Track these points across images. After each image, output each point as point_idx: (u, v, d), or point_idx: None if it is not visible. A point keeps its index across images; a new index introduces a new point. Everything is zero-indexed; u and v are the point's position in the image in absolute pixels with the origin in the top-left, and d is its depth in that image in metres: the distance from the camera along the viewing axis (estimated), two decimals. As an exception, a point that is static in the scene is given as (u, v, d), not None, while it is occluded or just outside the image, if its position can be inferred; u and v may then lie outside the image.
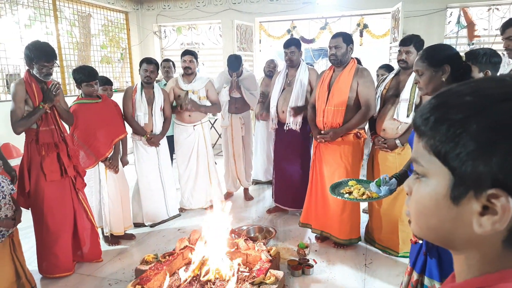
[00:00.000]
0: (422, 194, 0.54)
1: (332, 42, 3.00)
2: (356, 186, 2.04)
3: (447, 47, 1.81)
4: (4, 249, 2.45)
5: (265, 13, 6.67)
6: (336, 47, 2.97)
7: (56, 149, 2.73)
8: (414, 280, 1.71)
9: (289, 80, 3.70)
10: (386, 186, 1.87)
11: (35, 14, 6.35)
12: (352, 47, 3.03)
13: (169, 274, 2.60)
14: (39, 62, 2.56)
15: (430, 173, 0.52)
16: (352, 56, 3.10)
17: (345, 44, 2.97)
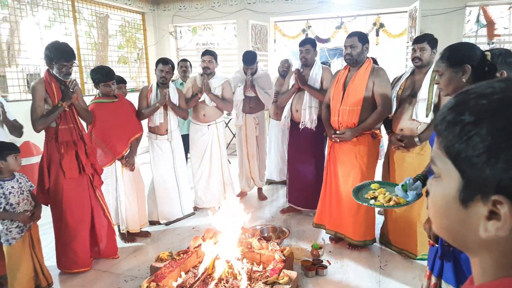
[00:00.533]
0: (436, 194, 0.54)
1: (348, 41, 2.98)
2: (380, 190, 1.99)
3: (469, 46, 1.76)
4: (23, 245, 2.52)
5: (280, 12, 6.66)
6: (352, 46, 2.95)
7: (75, 147, 2.79)
8: (433, 283, 1.69)
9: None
10: (413, 191, 1.82)
11: (54, 15, 6.49)
12: (367, 46, 3.01)
13: (184, 272, 2.63)
14: (59, 62, 2.63)
15: (443, 174, 0.52)
16: (368, 56, 3.07)
17: (361, 43, 2.95)
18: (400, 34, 6.30)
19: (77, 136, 2.81)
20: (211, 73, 3.93)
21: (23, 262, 2.52)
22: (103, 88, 3.17)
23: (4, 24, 6.29)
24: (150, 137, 3.78)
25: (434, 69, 1.77)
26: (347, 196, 3.06)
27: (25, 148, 4.25)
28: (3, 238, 2.45)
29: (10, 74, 5.44)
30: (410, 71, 3.02)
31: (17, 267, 2.49)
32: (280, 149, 4.84)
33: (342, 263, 2.97)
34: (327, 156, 3.27)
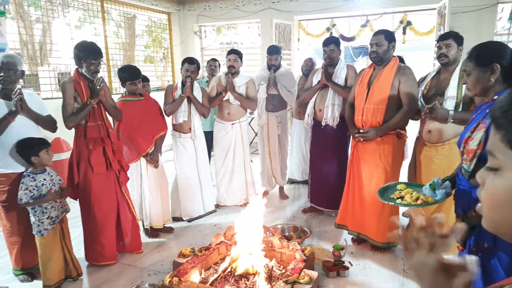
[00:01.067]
0: (497, 187, 0.54)
1: (374, 39, 2.94)
2: (407, 190, 1.94)
3: (497, 44, 1.70)
4: (55, 237, 2.63)
5: (304, 11, 6.63)
6: (378, 44, 2.91)
7: (102, 144, 2.88)
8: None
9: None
10: (442, 189, 1.77)
11: (84, 16, 6.70)
12: (394, 45, 2.96)
13: (205, 268, 2.67)
14: (87, 60, 2.72)
15: (505, 166, 0.52)
16: (394, 54, 3.01)
17: (387, 41, 2.90)
18: (428, 32, 6.14)
19: (104, 133, 2.90)
20: (236, 72, 3.96)
21: (55, 252, 2.63)
22: (129, 86, 3.26)
23: (37, 25, 6.54)
24: (174, 135, 3.85)
25: (462, 68, 1.72)
26: (371, 196, 3.01)
27: (55, 144, 4.43)
28: (36, 229, 2.56)
29: (42, 73, 5.65)
30: (436, 71, 2.94)
31: (49, 258, 2.60)
32: (302, 148, 4.82)
33: (364, 265, 2.93)
34: (350, 156, 3.23)
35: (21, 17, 5.64)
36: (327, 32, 6.76)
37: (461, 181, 1.72)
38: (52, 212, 2.60)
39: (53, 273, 2.63)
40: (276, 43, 6.54)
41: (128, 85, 3.27)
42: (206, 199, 4.01)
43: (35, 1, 5.53)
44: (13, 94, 2.52)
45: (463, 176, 1.70)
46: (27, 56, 5.67)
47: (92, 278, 2.85)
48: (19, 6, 5.57)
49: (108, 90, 3.02)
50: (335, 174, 3.69)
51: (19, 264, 2.77)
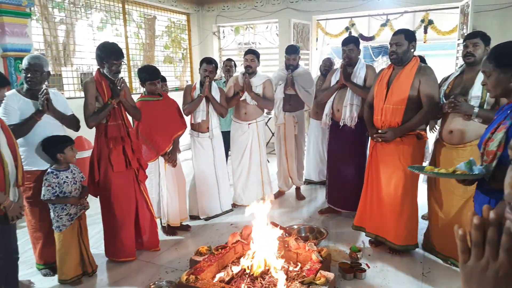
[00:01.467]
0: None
1: (393, 39, 2.90)
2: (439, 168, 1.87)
3: None
4: (73, 232, 2.70)
5: (323, 11, 6.58)
6: (397, 44, 2.86)
7: (122, 143, 2.94)
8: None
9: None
10: (480, 166, 1.69)
11: (106, 17, 6.85)
12: (414, 44, 2.90)
13: (221, 267, 2.70)
14: (109, 61, 2.78)
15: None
16: (415, 54, 2.96)
17: (407, 41, 2.85)
18: (450, 32, 6.00)
19: (124, 132, 2.96)
20: (253, 72, 3.97)
21: (72, 248, 2.70)
22: (149, 86, 3.32)
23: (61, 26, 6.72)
24: (192, 135, 3.90)
25: (481, 69, 1.67)
26: (389, 198, 2.97)
27: (78, 143, 4.53)
28: (55, 224, 2.64)
29: (65, 73, 5.81)
30: (459, 71, 2.88)
31: (66, 253, 2.68)
32: (319, 149, 4.79)
33: (382, 268, 2.89)
34: (368, 157, 3.19)
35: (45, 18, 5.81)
36: (346, 31, 6.70)
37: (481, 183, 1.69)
38: (71, 209, 2.67)
39: (70, 268, 2.70)
40: (294, 43, 6.52)
41: (147, 85, 3.33)
42: (223, 198, 4.04)
43: (59, 3, 5.69)
44: (40, 94, 2.60)
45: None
46: (51, 56, 5.84)
47: (111, 274, 2.92)
48: (44, 8, 5.74)
49: (129, 90, 3.07)
50: (353, 175, 3.65)
51: (42, 259, 2.85)
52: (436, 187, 2.93)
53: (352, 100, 3.54)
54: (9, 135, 2.28)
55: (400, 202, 2.94)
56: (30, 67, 2.60)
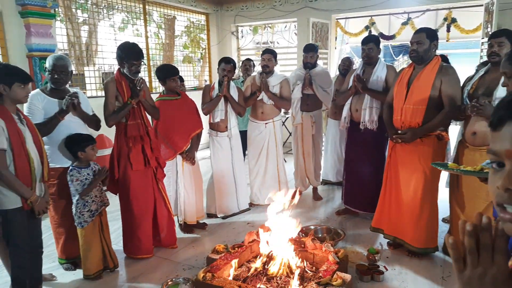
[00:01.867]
0: None
1: (415, 37, 2.84)
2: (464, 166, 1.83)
3: None
4: (94, 229, 2.77)
5: (343, 9, 6.51)
6: (418, 43, 2.80)
7: (141, 142, 2.99)
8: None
9: (364, 78, 3.57)
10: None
11: (127, 18, 6.98)
12: (436, 43, 2.84)
13: (238, 265, 2.71)
14: (129, 61, 2.83)
15: None
16: (437, 53, 2.89)
17: (429, 40, 2.79)
18: (474, 30, 5.83)
19: (143, 131, 3.01)
20: (270, 72, 3.97)
21: (94, 244, 2.77)
22: (170, 83, 3.35)
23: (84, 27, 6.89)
24: (210, 134, 3.93)
25: (501, 70, 1.61)
26: (409, 200, 2.92)
27: (99, 141, 4.62)
28: (77, 221, 2.70)
29: (87, 72, 5.95)
30: (484, 70, 2.79)
31: (88, 248, 2.75)
32: (337, 149, 4.74)
33: (400, 270, 2.85)
34: (387, 158, 3.14)
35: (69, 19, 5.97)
36: (366, 30, 6.61)
37: None
38: (92, 206, 2.73)
39: (93, 264, 2.77)
40: (312, 42, 6.48)
41: (168, 82, 3.36)
42: (240, 197, 4.06)
43: (82, 4, 5.82)
44: (68, 95, 2.66)
45: None
46: (74, 56, 5.99)
47: (129, 270, 2.97)
48: (68, 9, 5.90)
49: (148, 90, 3.12)
50: (371, 176, 3.60)
51: (64, 254, 2.93)
52: (458, 189, 2.86)
53: (372, 102, 3.47)
54: (35, 132, 2.36)
55: (419, 204, 2.88)
56: (56, 68, 2.66)
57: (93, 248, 2.77)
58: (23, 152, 2.20)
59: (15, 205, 2.20)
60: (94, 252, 2.78)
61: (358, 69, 3.65)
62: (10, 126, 2.15)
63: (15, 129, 2.17)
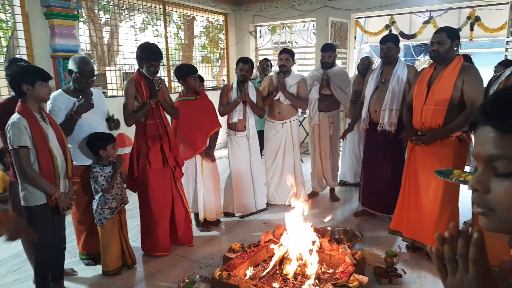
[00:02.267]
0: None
1: (435, 37, 2.77)
2: (467, 174, 1.79)
3: None
4: (114, 226, 2.83)
5: (363, 8, 6.43)
6: (439, 42, 2.73)
7: (160, 141, 3.04)
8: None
9: (383, 78, 3.51)
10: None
11: (148, 18, 7.09)
12: (457, 43, 2.77)
13: (253, 265, 2.72)
14: (148, 62, 2.88)
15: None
16: (461, 53, 2.82)
17: (450, 39, 2.72)
18: (498, 29, 5.65)
19: (162, 130, 3.05)
20: (287, 71, 3.96)
21: (113, 241, 2.83)
22: (189, 80, 3.38)
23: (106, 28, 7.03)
24: (228, 134, 3.95)
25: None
26: (428, 202, 2.86)
27: (119, 139, 4.72)
28: (97, 218, 2.77)
29: (109, 72, 6.09)
30: (511, 70, 2.70)
31: (108, 245, 2.81)
32: (355, 150, 4.69)
33: (419, 274, 2.79)
34: (406, 159, 3.08)
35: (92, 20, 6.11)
36: (386, 29, 6.50)
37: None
38: (112, 203, 2.79)
39: (111, 260, 2.83)
40: (331, 41, 6.42)
41: (189, 80, 3.38)
42: (258, 197, 4.07)
43: (105, 6, 5.96)
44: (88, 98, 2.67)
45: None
46: (96, 56, 6.14)
47: (147, 267, 3.02)
48: (91, 11, 6.05)
49: (167, 90, 3.16)
50: (390, 178, 3.53)
51: (85, 250, 3.00)
52: None
53: (392, 104, 3.39)
54: (58, 130, 2.43)
55: (439, 207, 2.82)
56: (84, 73, 2.67)
57: (112, 245, 2.83)
58: (46, 150, 2.26)
59: (40, 201, 2.27)
60: (113, 249, 2.84)
61: (377, 69, 3.60)
62: (33, 125, 2.21)
63: (37, 128, 2.23)
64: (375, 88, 3.56)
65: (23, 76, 2.21)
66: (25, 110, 2.22)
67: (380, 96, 3.49)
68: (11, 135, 2.16)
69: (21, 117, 2.19)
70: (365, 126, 3.68)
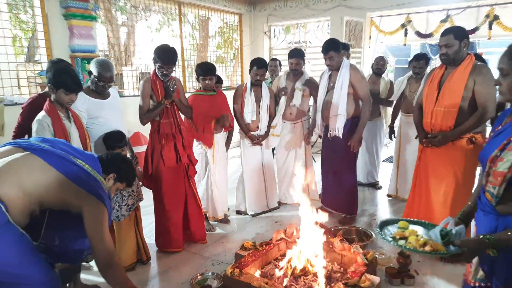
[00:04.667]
0: None
1: (442, 40, 2.70)
2: (412, 232, 1.67)
3: None
4: (130, 222, 2.89)
5: (378, 7, 6.37)
6: (447, 45, 2.66)
7: (174, 139, 3.09)
8: None
9: (332, 83, 3.58)
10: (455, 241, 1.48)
11: (163, 19, 7.19)
12: (466, 42, 2.68)
13: (265, 263, 2.74)
14: (157, 63, 2.93)
15: None
16: (469, 51, 2.75)
17: (457, 40, 2.64)
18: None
19: (176, 129, 3.10)
20: (299, 73, 3.97)
21: (129, 237, 2.89)
22: (204, 81, 3.44)
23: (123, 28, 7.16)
24: (241, 133, 3.98)
25: (498, 66, 1.44)
26: (438, 205, 2.82)
27: (135, 138, 4.84)
28: (114, 214, 2.83)
29: (125, 72, 6.20)
30: None
31: (124, 241, 2.87)
32: (369, 150, 4.66)
33: (432, 275, 2.77)
34: (417, 160, 3.02)
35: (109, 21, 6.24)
36: (402, 28, 6.42)
37: (485, 206, 1.46)
38: (129, 200, 2.85)
39: (127, 256, 2.90)
40: (346, 41, 6.39)
41: (203, 81, 3.44)
42: (270, 196, 4.10)
43: (122, 7, 6.07)
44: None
45: (488, 201, 1.44)
46: (114, 57, 6.25)
47: (161, 263, 3.08)
48: (108, 11, 6.17)
49: (182, 90, 3.22)
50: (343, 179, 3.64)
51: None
52: None
53: (337, 110, 3.47)
54: (82, 129, 2.52)
55: (449, 210, 2.76)
56: (103, 79, 2.71)
57: (128, 241, 2.89)
58: (67, 148, 2.34)
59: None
60: (129, 245, 2.90)
61: (325, 74, 3.66)
62: (56, 123, 2.35)
63: (60, 126, 2.37)
64: (325, 93, 3.61)
65: (52, 78, 2.35)
66: (51, 108, 2.38)
67: (329, 101, 3.55)
68: (34, 131, 2.32)
69: (46, 115, 2.35)
70: (320, 132, 3.72)
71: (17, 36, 6.53)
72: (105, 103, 2.81)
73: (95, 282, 2.76)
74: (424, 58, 4.04)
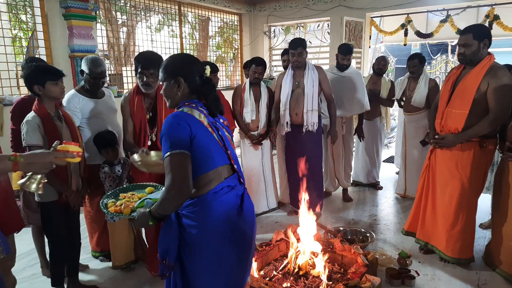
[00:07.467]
0: None
1: (461, 39, 2.61)
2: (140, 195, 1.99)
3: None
4: (124, 222, 2.83)
5: (378, 7, 6.37)
6: (465, 45, 2.57)
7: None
8: None
9: (297, 82, 3.59)
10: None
11: (163, 19, 7.18)
12: (486, 42, 2.56)
13: (265, 264, 2.73)
14: (137, 69, 2.52)
15: None
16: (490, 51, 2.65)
17: (477, 40, 2.54)
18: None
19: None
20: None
21: (123, 237, 2.87)
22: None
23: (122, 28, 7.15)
24: (241, 133, 3.97)
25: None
26: (443, 207, 2.79)
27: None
28: (108, 216, 2.76)
29: (125, 72, 6.18)
30: None
31: (118, 241, 2.85)
32: (369, 150, 4.65)
33: (433, 276, 2.75)
34: (426, 160, 2.97)
35: (109, 21, 6.22)
36: (402, 29, 6.42)
37: None
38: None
39: (122, 255, 2.88)
40: (346, 41, 6.38)
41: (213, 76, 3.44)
42: (270, 196, 4.08)
43: (122, 7, 6.05)
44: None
45: None
46: (113, 57, 6.24)
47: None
48: (108, 12, 6.15)
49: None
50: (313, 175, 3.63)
51: (98, 246, 3.04)
52: (501, 195, 2.69)
53: (310, 106, 3.53)
54: (74, 129, 2.45)
55: (454, 213, 2.73)
56: (94, 75, 2.66)
57: (122, 241, 2.86)
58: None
59: (51, 198, 2.33)
60: (124, 245, 2.88)
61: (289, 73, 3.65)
62: (46, 124, 2.24)
63: (51, 126, 2.26)
64: (291, 92, 3.61)
65: (34, 77, 2.22)
66: (40, 109, 2.26)
67: (298, 99, 3.57)
68: (24, 132, 2.21)
69: (36, 115, 2.23)
70: (287, 130, 3.69)
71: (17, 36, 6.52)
72: (99, 103, 2.78)
73: (93, 282, 2.76)
74: (418, 57, 4.05)
